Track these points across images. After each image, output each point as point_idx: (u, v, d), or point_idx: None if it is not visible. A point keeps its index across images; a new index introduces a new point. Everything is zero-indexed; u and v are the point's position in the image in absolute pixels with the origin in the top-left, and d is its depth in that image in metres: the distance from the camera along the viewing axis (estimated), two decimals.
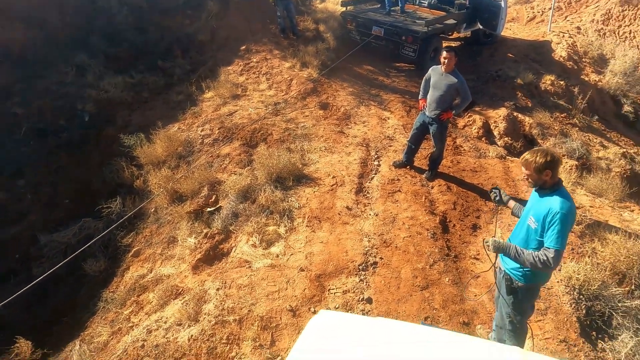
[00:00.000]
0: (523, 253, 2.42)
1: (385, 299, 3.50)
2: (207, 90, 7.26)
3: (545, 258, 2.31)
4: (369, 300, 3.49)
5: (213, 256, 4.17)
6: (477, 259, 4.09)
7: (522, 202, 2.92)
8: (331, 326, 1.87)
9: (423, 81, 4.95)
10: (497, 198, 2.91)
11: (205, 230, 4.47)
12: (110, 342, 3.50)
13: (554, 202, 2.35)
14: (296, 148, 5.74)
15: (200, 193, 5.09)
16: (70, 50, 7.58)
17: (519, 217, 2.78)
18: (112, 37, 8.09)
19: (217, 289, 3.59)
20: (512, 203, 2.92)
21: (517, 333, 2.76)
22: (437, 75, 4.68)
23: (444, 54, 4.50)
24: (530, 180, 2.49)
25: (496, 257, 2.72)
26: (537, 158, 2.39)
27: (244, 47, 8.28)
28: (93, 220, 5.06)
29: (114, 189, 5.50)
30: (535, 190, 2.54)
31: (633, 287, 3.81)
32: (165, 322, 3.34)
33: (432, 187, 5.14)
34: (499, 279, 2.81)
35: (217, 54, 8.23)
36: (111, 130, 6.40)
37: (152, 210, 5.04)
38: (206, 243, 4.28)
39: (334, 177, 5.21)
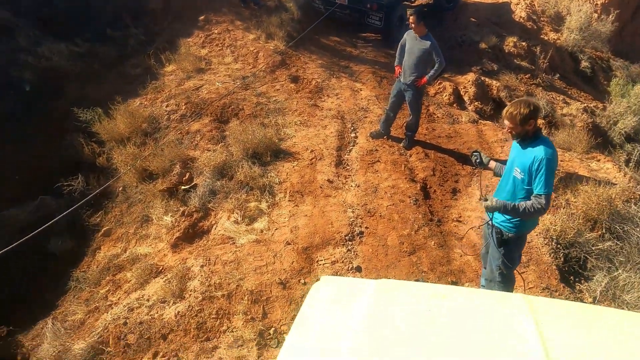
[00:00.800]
0: (518, 207, 2.48)
1: (374, 266, 3.53)
2: (167, 64, 6.81)
3: (538, 205, 2.40)
4: (359, 269, 3.51)
5: (192, 234, 4.02)
6: (460, 221, 4.22)
7: (501, 161, 2.99)
8: (337, 288, 1.84)
9: (399, 47, 4.90)
10: (478, 160, 2.96)
11: (182, 209, 4.28)
12: (87, 320, 3.35)
13: (538, 150, 2.42)
14: (270, 123, 5.58)
15: (172, 171, 4.85)
16: None
17: (499, 176, 2.86)
18: None
19: (201, 266, 3.46)
20: (492, 164, 2.98)
21: (506, 283, 2.89)
22: (412, 41, 4.66)
23: (410, 17, 4.50)
24: (513, 132, 2.53)
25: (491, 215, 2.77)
26: (522, 109, 2.41)
27: (202, 17, 7.80)
28: (53, 198, 4.70)
29: (73, 166, 5.07)
30: (517, 142, 2.59)
31: (604, 230, 4.08)
32: (148, 300, 3.21)
33: (410, 156, 5.18)
34: (486, 234, 2.91)
35: (173, 24, 7.69)
36: (62, 104, 5.82)
37: (120, 189, 4.76)
38: (184, 221, 4.10)
39: (312, 150, 5.13)
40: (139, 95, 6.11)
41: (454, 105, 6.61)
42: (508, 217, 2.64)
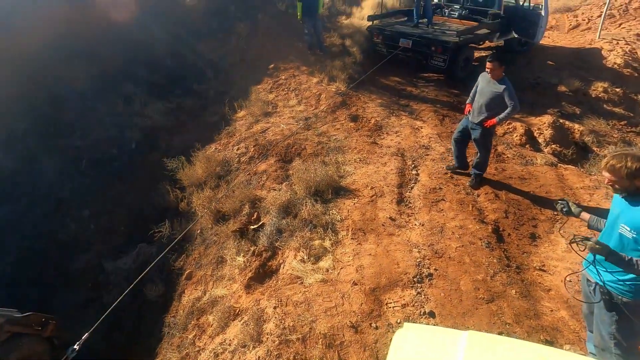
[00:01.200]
0: (636, 262, 2.19)
1: (448, 312, 3.38)
2: (239, 110, 7.39)
3: None
4: (432, 314, 3.38)
5: (263, 274, 4.15)
6: (544, 270, 3.91)
7: (596, 212, 2.75)
8: (419, 339, 1.79)
9: (474, 87, 4.96)
10: (565, 209, 2.75)
11: (252, 248, 4.46)
12: None
13: None
14: (331, 161, 5.74)
15: (242, 211, 5.12)
16: (119, 82, 7.87)
17: (598, 230, 2.60)
18: (153, 65, 8.37)
19: (274, 307, 3.55)
20: (585, 215, 2.73)
21: (627, 356, 2.47)
22: (484, 82, 4.70)
23: (487, 63, 4.53)
24: (617, 186, 2.32)
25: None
26: (629, 163, 2.21)
27: (272, 65, 8.44)
28: (147, 245, 5.15)
29: (162, 212, 5.59)
30: (623, 197, 2.36)
31: None
32: (230, 345, 3.32)
33: (479, 195, 5.01)
34: (587, 292, 2.62)
35: (247, 74, 8.40)
36: (155, 155, 6.55)
37: (198, 232, 5.08)
38: (255, 261, 4.26)
39: (372, 187, 5.16)
40: (214, 141, 6.66)
41: (527, 146, 6.35)
42: (620, 276, 2.34)
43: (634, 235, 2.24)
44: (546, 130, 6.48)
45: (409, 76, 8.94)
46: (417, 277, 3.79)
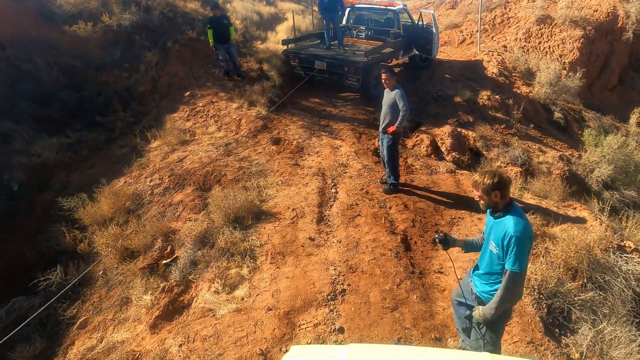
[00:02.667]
0: (500, 298, 2.37)
1: (356, 325, 3.38)
2: (153, 140, 7.09)
3: (512, 284, 2.31)
4: (341, 330, 3.36)
5: (172, 310, 3.88)
6: (441, 272, 4.10)
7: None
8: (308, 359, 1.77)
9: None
10: (440, 241, 2.75)
11: (162, 285, 4.17)
12: None
13: (509, 224, 2.31)
14: (252, 185, 5.67)
15: (153, 246, 4.82)
16: None
17: (477, 250, 2.76)
18: (42, 99, 7.73)
19: (180, 345, 3.31)
20: (460, 242, 2.82)
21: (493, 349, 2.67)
22: (385, 94, 5.18)
23: (382, 74, 5.04)
24: (482, 201, 2.45)
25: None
26: (485, 179, 2.34)
27: (188, 93, 8.25)
28: (27, 298, 4.48)
29: (52, 258, 5.01)
30: (490, 214, 2.51)
31: (585, 280, 3.96)
32: None
33: (390, 208, 5.18)
34: (469, 300, 2.78)
35: (160, 103, 8.13)
36: (47, 196, 5.96)
37: (100, 273, 4.65)
38: (164, 298, 3.98)
39: (293, 209, 5.15)
40: (123, 174, 6.27)
41: (432, 156, 6.74)
42: (489, 288, 2.52)
43: (498, 251, 2.39)
44: (447, 139, 6.96)
45: (327, 97, 9.21)
46: (331, 294, 3.77)
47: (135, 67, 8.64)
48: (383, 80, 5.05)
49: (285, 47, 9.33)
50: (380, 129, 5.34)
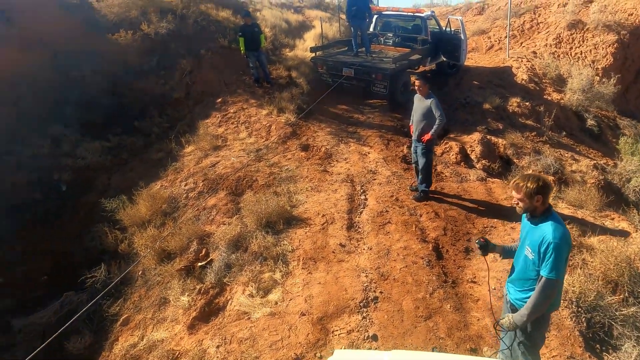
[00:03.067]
0: (532, 306, 2.35)
1: (390, 334, 3.41)
2: (187, 145, 7.32)
3: (546, 292, 2.29)
4: (375, 337, 3.40)
5: (209, 312, 4.02)
6: (475, 282, 4.08)
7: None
8: None
9: (413, 109, 5.40)
10: (483, 246, 2.71)
11: (198, 287, 4.32)
12: None
13: (547, 230, 2.30)
14: (283, 191, 5.76)
15: (189, 248, 4.98)
16: (45, 123, 7.59)
17: (512, 256, 2.74)
18: (87, 105, 8.15)
19: (217, 347, 3.44)
20: (499, 248, 2.79)
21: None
22: (417, 101, 5.21)
23: (415, 82, 5.08)
24: (521, 205, 2.44)
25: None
26: (529, 183, 2.34)
27: (220, 99, 8.48)
28: (76, 294, 4.77)
29: (97, 256, 5.27)
30: (527, 218, 2.51)
31: (626, 294, 3.83)
32: None
33: (421, 215, 5.19)
34: (505, 308, 2.75)
35: (193, 109, 8.39)
36: (91, 197, 6.29)
37: (139, 273, 4.86)
38: (200, 299, 4.13)
39: (323, 215, 5.21)
40: (160, 178, 6.52)
41: (462, 164, 6.70)
42: (523, 295, 2.49)
43: (533, 257, 2.38)
44: (476, 147, 6.89)
45: (355, 103, 9.27)
46: (364, 301, 3.81)
47: (170, 74, 8.98)
48: (416, 87, 5.10)
49: (313, 54, 9.47)
50: (414, 135, 5.36)
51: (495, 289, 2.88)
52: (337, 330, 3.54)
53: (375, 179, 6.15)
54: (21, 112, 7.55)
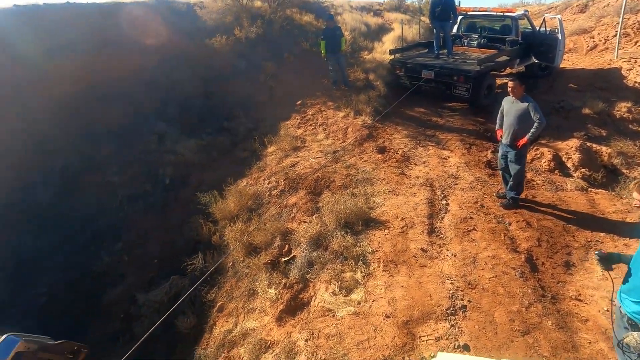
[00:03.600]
0: None
1: (483, 345, 3.29)
2: (269, 145, 7.68)
3: None
4: (466, 347, 3.30)
5: (294, 306, 4.17)
6: (580, 300, 3.77)
7: None
8: None
9: (499, 113, 5.19)
10: (603, 259, 2.52)
11: (283, 281, 4.51)
12: None
13: None
14: (360, 192, 5.80)
15: (273, 244, 5.21)
16: (153, 121, 8.46)
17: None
18: (185, 105, 8.93)
19: (306, 340, 3.57)
20: (626, 258, 2.53)
21: None
22: (509, 104, 4.95)
23: (509, 83, 4.81)
24: None
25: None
26: None
27: (299, 102, 8.78)
28: (180, 278, 5.29)
29: (194, 245, 5.78)
30: None
31: None
32: None
33: (510, 224, 4.93)
34: (619, 324, 2.50)
35: (275, 111, 8.77)
36: (188, 191, 6.87)
37: (230, 264, 5.20)
38: (286, 293, 4.31)
39: (402, 219, 5.16)
40: (245, 176, 6.91)
41: (555, 172, 6.26)
42: None
43: None
44: (574, 154, 6.36)
45: (433, 106, 9.06)
46: (451, 309, 3.72)
47: (256, 76, 9.52)
48: (509, 89, 4.85)
49: (392, 56, 9.40)
50: (504, 140, 5.09)
51: (608, 310, 2.62)
52: (424, 336, 3.49)
53: (457, 184, 5.95)
54: (137, 110, 8.50)
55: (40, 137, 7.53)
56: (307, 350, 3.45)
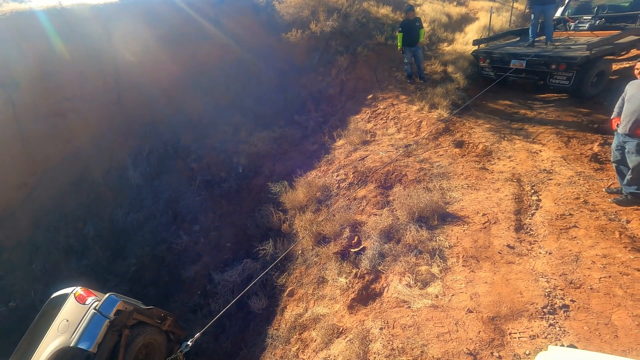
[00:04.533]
0: None
1: (598, 347, 2.76)
2: (338, 139, 7.56)
3: None
4: (573, 347, 2.78)
5: (366, 296, 3.98)
6: None
7: None
8: None
9: (620, 99, 4.59)
10: None
11: (354, 271, 4.35)
12: None
13: None
14: (434, 187, 5.43)
15: (342, 235, 5.07)
16: (230, 112, 8.83)
17: None
18: (260, 98, 9.20)
19: (381, 329, 3.32)
20: None
21: None
22: (635, 89, 4.32)
23: (638, 64, 4.25)
24: None
25: None
26: None
27: (370, 96, 8.56)
28: (252, 261, 5.40)
29: (265, 232, 5.84)
30: None
31: None
32: None
33: (628, 222, 4.19)
34: None
35: (345, 105, 8.65)
36: (259, 180, 7.01)
37: (299, 252, 5.15)
38: (357, 283, 4.12)
39: (484, 214, 4.70)
40: (314, 168, 6.85)
41: None
42: None
43: None
44: None
45: (521, 98, 8.28)
46: (548, 307, 3.23)
47: (328, 70, 9.49)
48: (637, 71, 4.23)
49: (476, 47, 8.78)
50: (622, 130, 4.42)
51: None
52: (515, 333, 3.06)
53: (551, 179, 5.29)
54: (216, 101, 8.99)
55: (131, 124, 8.26)
56: (383, 338, 3.22)
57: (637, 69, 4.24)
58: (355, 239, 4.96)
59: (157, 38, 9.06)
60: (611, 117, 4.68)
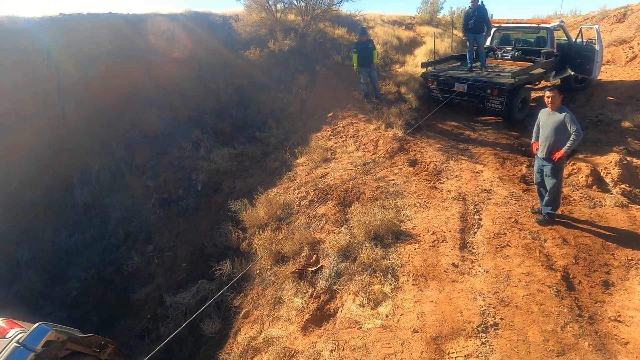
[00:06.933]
0: None
1: None
2: (299, 156, 7.80)
3: None
4: None
5: (320, 316, 4.16)
6: (620, 322, 3.57)
7: None
8: None
9: (535, 126, 5.10)
10: None
11: (310, 290, 4.51)
12: None
13: None
14: (390, 205, 5.76)
15: (301, 253, 5.23)
16: (189, 128, 8.80)
17: None
18: (219, 114, 9.25)
19: (331, 350, 3.56)
20: None
21: None
22: (545, 116, 4.86)
23: (547, 93, 4.73)
24: None
25: None
26: None
27: (330, 114, 8.89)
28: (207, 282, 5.40)
29: (223, 251, 5.90)
30: None
31: None
32: None
33: (545, 241, 4.75)
34: None
35: (306, 122, 8.93)
36: (219, 197, 7.07)
37: (257, 272, 5.27)
38: (313, 303, 4.30)
39: (433, 233, 5.08)
40: (275, 185, 7.03)
41: (593, 187, 6.00)
42: None
43: None
44: (613, 169, 6.08)
45: (466, 120, 8.94)
46: (482, 326, 3.61)
47: (288, 88, 9.76)
48: (547, 100, 4.75)
49: (424, 69, 9.38)
50: (540, 154, 4.97)
51: None
52: (452, 353, 3.41)
53: (490, 199, 5.81)
54: (173, 117, 8.92)
55: (77, 140, 8.01)
56: None
57: (547, 97, 4.75)
58: (314, 258, 5.16)
59: (106, 53, 8.93)
60: (532, 142, 5.19)
